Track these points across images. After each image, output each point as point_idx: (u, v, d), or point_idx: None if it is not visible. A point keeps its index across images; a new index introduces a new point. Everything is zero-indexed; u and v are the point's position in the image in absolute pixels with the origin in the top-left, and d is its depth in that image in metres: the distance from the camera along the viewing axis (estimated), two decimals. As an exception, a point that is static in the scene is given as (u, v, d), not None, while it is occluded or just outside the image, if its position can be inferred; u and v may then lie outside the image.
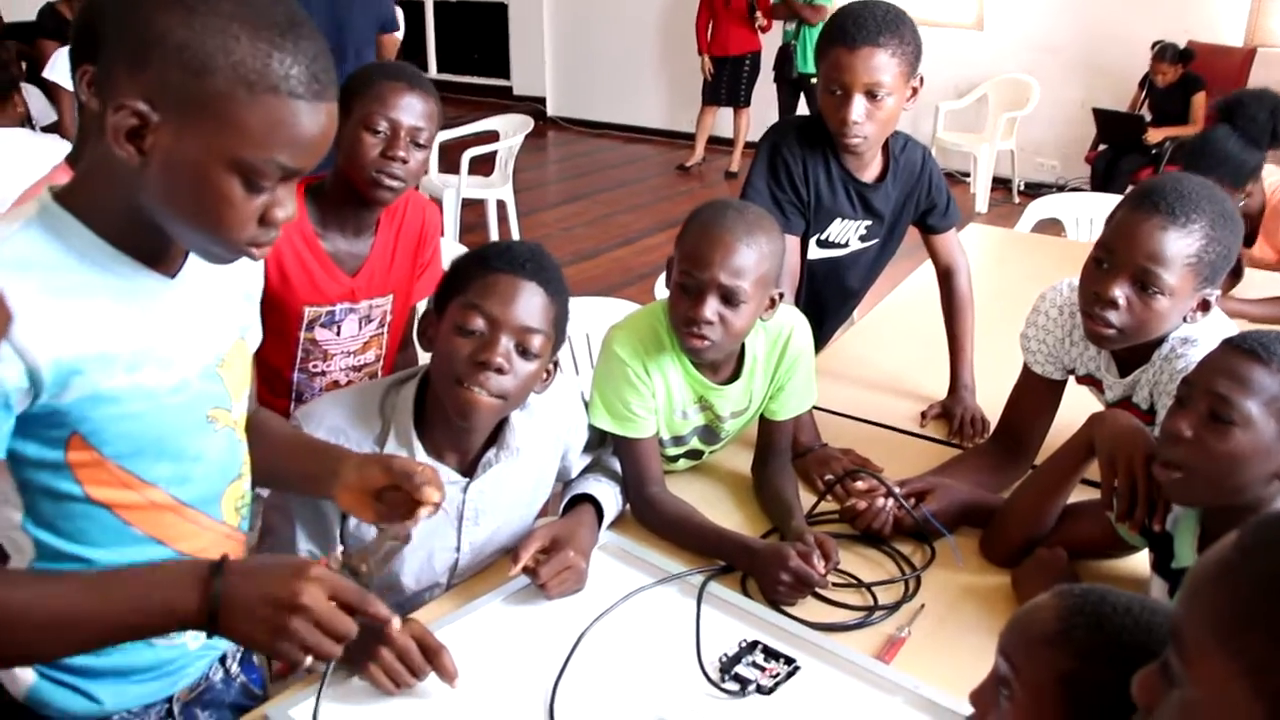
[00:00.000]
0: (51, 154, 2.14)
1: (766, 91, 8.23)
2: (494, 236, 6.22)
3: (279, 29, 1.08)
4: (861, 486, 1.93)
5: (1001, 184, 8.04)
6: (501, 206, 6.36)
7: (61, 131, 4.58)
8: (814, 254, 2.49)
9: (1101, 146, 7.21)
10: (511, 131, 6.24)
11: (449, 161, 5.99)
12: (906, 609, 1.71)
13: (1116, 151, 7.00)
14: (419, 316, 1.79)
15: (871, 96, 2.22)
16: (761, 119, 7.26)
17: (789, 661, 1.55)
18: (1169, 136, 6.77)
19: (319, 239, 2.14)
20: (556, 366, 1.73)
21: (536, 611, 1.67)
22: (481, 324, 1.60)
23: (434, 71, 11.41)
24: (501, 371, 1.60)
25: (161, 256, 1.21)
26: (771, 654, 1.56)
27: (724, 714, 1.46)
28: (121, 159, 1.08)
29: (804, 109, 7.61)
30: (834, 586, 1.73)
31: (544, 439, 1.81)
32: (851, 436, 2.25)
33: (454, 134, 6.00)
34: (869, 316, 3.11)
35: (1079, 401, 2.04)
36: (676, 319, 1.85)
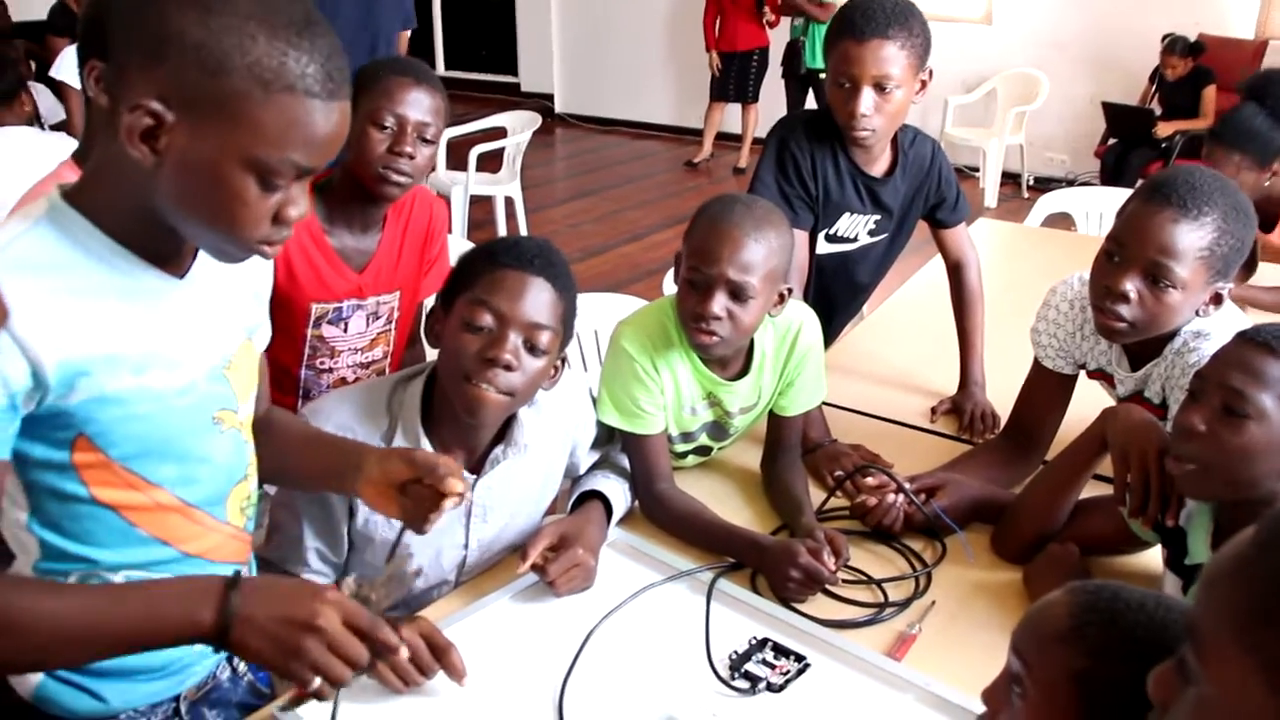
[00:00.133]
0: (58, 152, 2.14)
1: (774, 87, 8.22)
2: (502, 233, 6.21)
3: (295, 28, 1.08)
4: (872, 482, 1.92)
5: (1010, 179, 8.02)
6: (509, 203, 6.36)
7: (70, 130, 4.58)
8: (822, 249, 2.48)
9: (1111, 141, 7.19)
10: (519, 128, 6.24)
11: (457, 158, 5.98)
12: (917, 606, 1.70)
13: (1126, 146, 6.97)
14: (426, 313, 1.79)
15: (880, 89, 2.20)
16: (769, 115, 7.23)
17: (799, 659, 1.54)
18: (1179, 130, 6.75)
19: (326, 235, 2.14)
20: (564, 363, 1.72)
21: (545, 609, 1.66)
22: (490, 320, 1.59)
23: (442, 68, 11.40)
24: (510, 368, 1.59)
25: (170, 256, 1.21)
26: (781, 651, 1.55)
27: (734, 712, 1.46)
28: (135, 159, 1.08)
29: (812, 105, 7.59)
30: (844, 583, 1.72)
31: (552, 435, 1.81)
32: (861, 432, 2.24)
33: (462, 131, 6.00)
34: (878, 311, 3.09)
35: (1090, 396, 2.02)
36: (684, 314, 1.84)
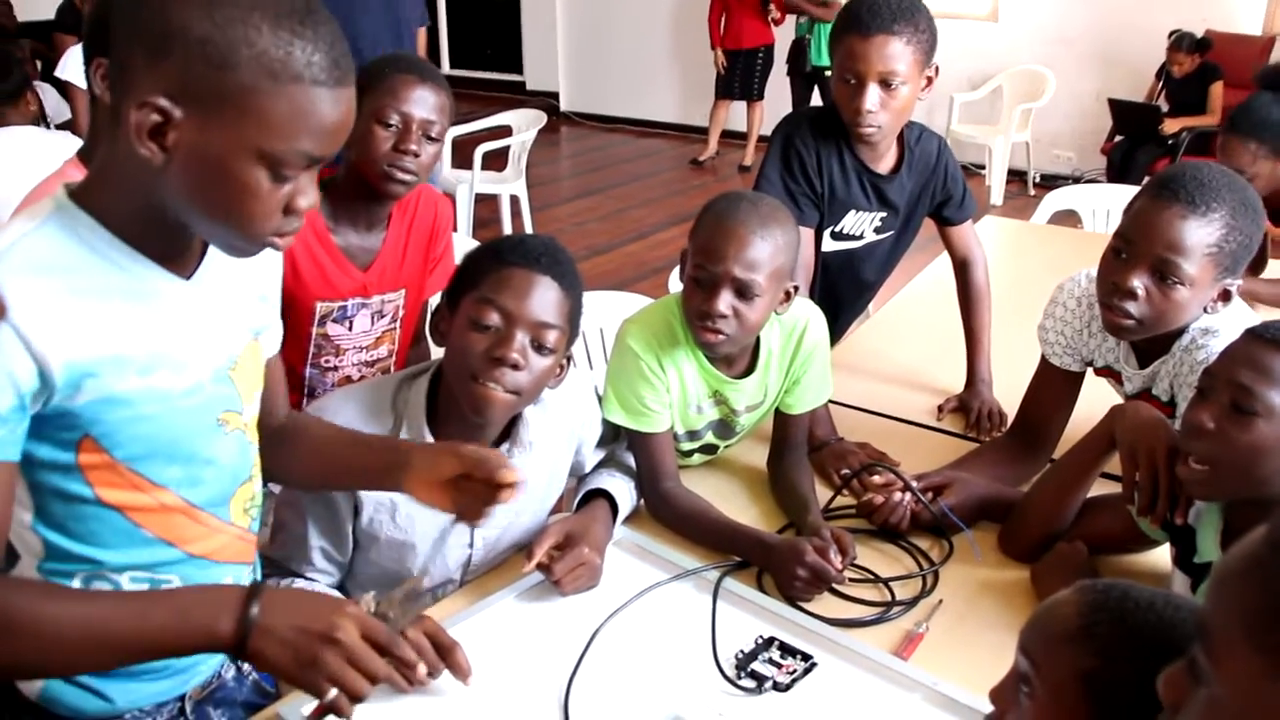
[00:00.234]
0: (63, 151, 2.14)
1: (780, 85, 8.21)
2: (507, 231, 6.21)
3: (298, 16, 1.07)
4: (878, 481, 1.91)
5: (1017, 176, 8.00)
6: (515, 202, 6.36)
7: (75, 129, 4.59)
8: (828, 246, 2.47)
9: (1118, 138, 7.17)
10: (524, 126, 6.24)
11: (462, 157, 5.99)
12: (924, 604, 1.69)
13: (1133, 142, 6.96)
14: (431, 311, 1.78)
15: (886, 85, 2.20)
16: (775, 113, 7.23)
17: (806, 658, 1.53)
18: (1186, 127, 6.73)
19: (331, 234, 2.14)
20: (570, 361, 1.72)
21: (550, 608, 1.66)
22: (497, 319, 1.59)
23: (447, 67, 11.41)
24: (517, 367, 1.59)
25: (177, 255, 1.20)
26: (788, 650, 1.55)
27: (740, 711, 1.45)
28: (143, 158, 1.07)
29: (818, 103, 7.58)
30: (851, 582, 1.71)
31: (557, 434, 1.80)
32: (868, 430, 2.24)
33: (467, 129, 6.00)
34: (884, 309, 3.09)
35: (1097, 394, 2.02)
36: (690, 312, 1.83)
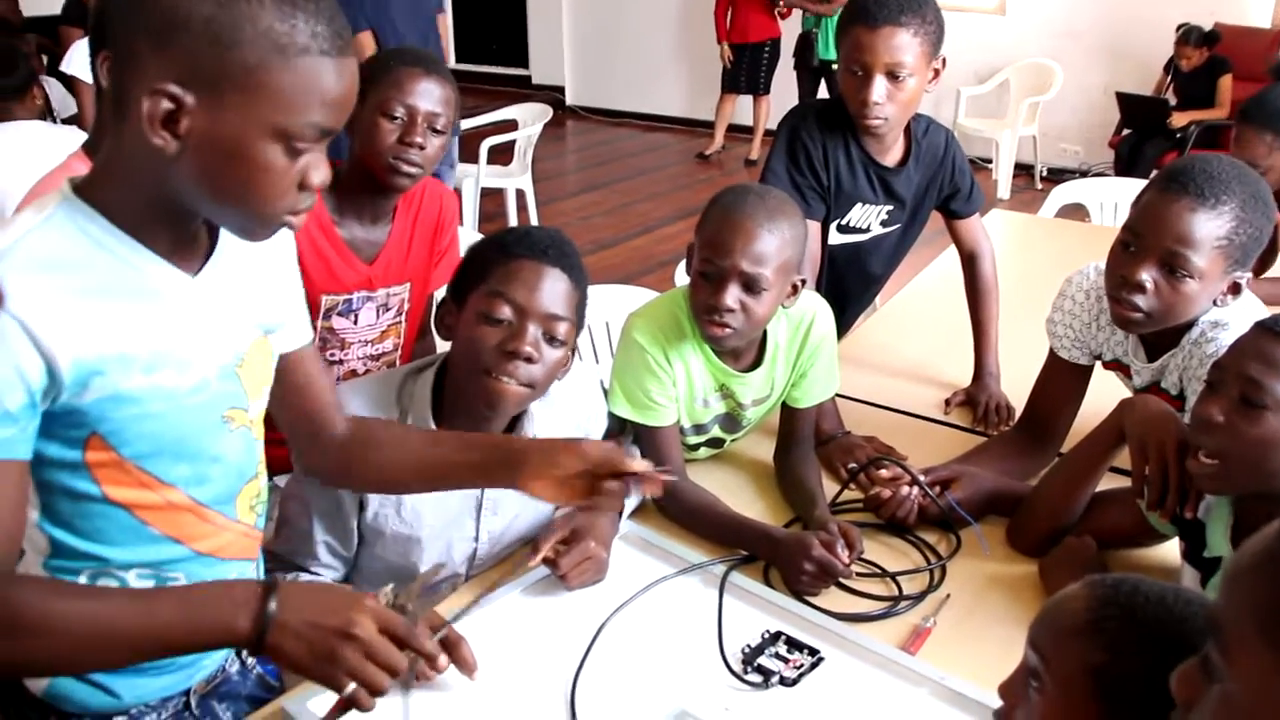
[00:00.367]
0: (69, 145, 2.14)
1: (787, 79, 8.19)
2: (513, 225, 6.21)
3: None
4: (885, 475, 1.91)
5: (1024, 170, 7.98)
6: (520, 196, 6.35)
7: (81, 123, 4.59)
8: (835, 239, 2.46)
9: (1125, 131, 7.15)
10: (530, 120, 6.22)
11: (468, 151, 5.97)
12: (932, 599, 1.69)
13: (1141, 136, 6.94)
14: (436, 305, 1.78)
15: (893, 77, 2.19)
16: (781, 106, 7.21)
17: (813, 652, 1.52)
18: (1194, 120, 6.71)
19: (335, 227, 2.13)
20: (574, 352, 1.72)
21: (556, 603, 1.65)
22: (508, 312, 1.59)
23: (452, 61, 11.36)
24: (531, 360, 1.60)
25: (184, 250, 1.19)
26: (795, 645, 1.54)
27: (747, 706, 1.44)
28: (155, 147, 1.06)
29: (825, 96, 7.56)
30: (858, 576, 1.71)
31: (562, 427, 1.79)
32: (874, 424, 2.23)
33: (473, 123, 5.99)
34: (891, 303, 3.08)
35: (1106, 388, 2.01)
36: (697, 307, 1.83)
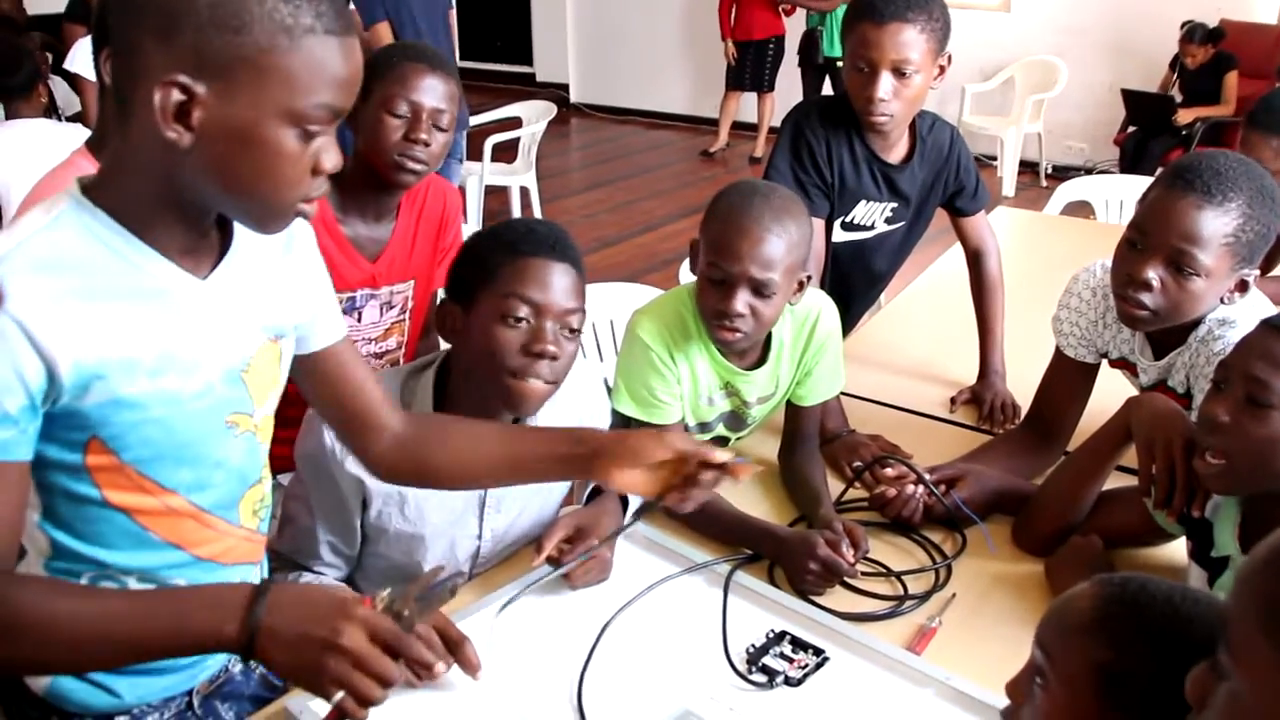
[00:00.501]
0: (73, 143, 2.13)
1: (791, 76, 8.18)
2: (517, 224, 6.19)
3: None
4: (891, 473, 1.90)
5: (1029, 167, 7.96)
6: (525, 193, 6.35)
7: (85, 121, 4.59)
8: (839, 237, 2.46)
9: (1131, 128, 7.14)
10: (534, 118, 6.22)
11: (472, 149, 5.97)
12: (937, 598, 1.68)
13: (1146, 133, 6.92)
14: (437, 305, 1.77)
15: (899, 74, 2.18)
16: (786, 104, 7.22)
17: (818, 652, 1.52)
18: (1200, 117, 6.69)
19: (339, 224, 2.12)
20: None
21: (560, 602, 1.64)
22: (525, 312, 1.60)
23: (457, 58, 11.37)
24: (555, 358, 1.61)
25: (194, 252, 1.18)
26: (800, 645, 1.53)
27: (751, 706, 1.44)
28: (168, 141, 1.04)
29: (829, 94, 7.55)
30: (863, 575, 1.70)
31: (564, 424, 1.79)
32: (880, 422, 2.22)
33: (477, 121, 5.98)
34: (896, 301, 3.07)
35: (1112, 386, 2.00)
36: (706, 311, 1.82)
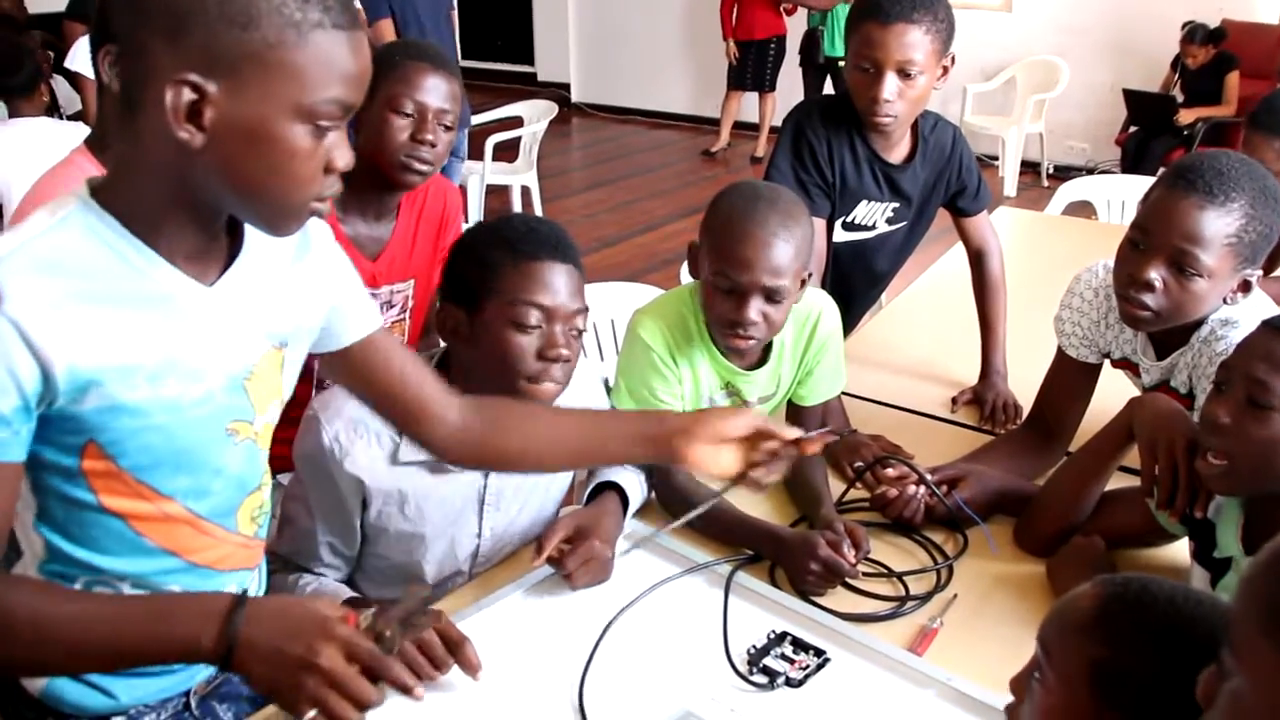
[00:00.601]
0: (75, 141, 2.13)
1: (792, 76, 8.18)
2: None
3: None
4: (892, 474, 1.89)
5: (1030, 167, 7.96)
6: (526, 193, 6.35)
7: (86, 120, 4.59)
8: (840, 237, 2.45)
9: (1132, 128, 7.14)
10: (535, 117, 6.22)
11: (473, 148, 5.96)
12: (939, 599, 1.67)
13: (1148, 133, 6.92)
14: (438, 306, 1.77)
15: (904, 75, 2.17)
16: (787, 104, 7.21)
17: (819, 653, 1.52)
18: (1201, 117, 6.69)
19: (339, 223, 2.12)
20: None
21: (560, 602, 1.64)
22: (537, 318, 1.61)
23: (458, 58, 11.38)
24: (569, 360, 1.63)
25: (201, 258, 1.16)
26: (801, 645, 1.53)
27: (752, 707, 1.43)
28: (179, 142, 1.04)
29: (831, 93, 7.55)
30: (864, 576, 1.69)
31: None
32: (881, 423, 2.22)
33: (478, 120, 5.98)
34: (898, 300, 3.06)
35: (1114, 387, 1.99)
36: (717, 320, 1.81)
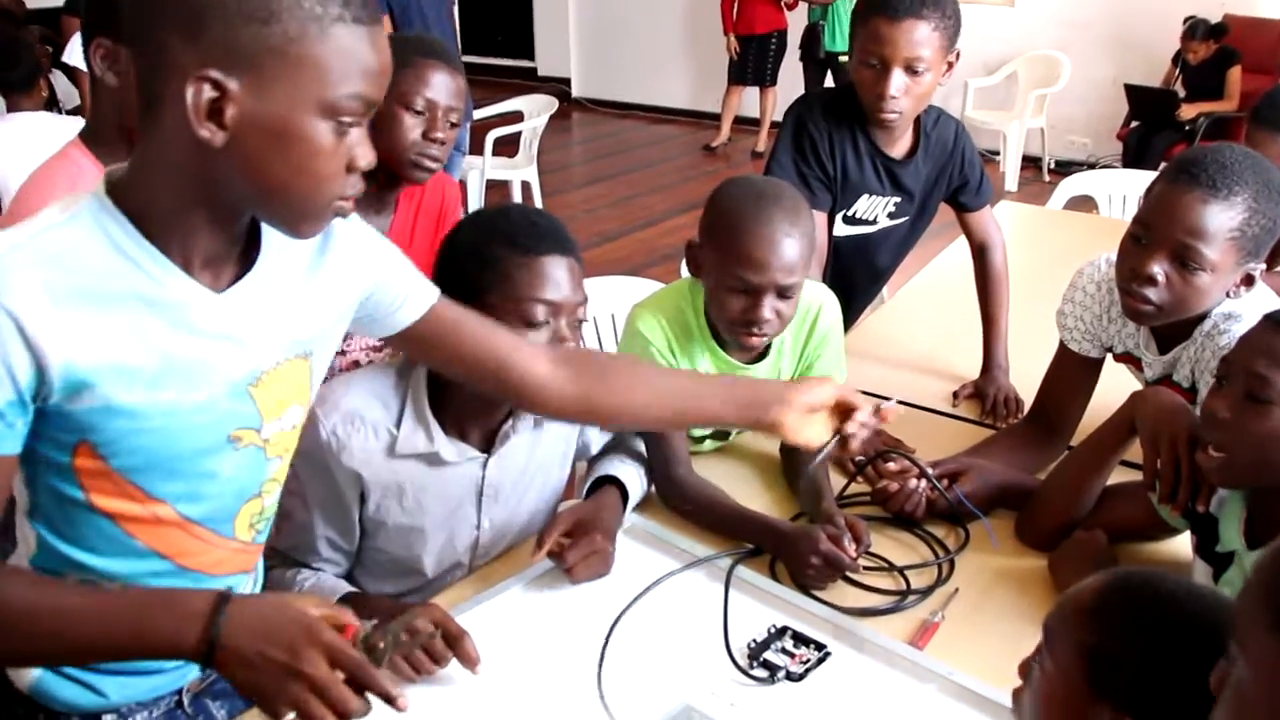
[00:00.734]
0: (73, 136, 2.12)
1: (793, 70, 8.17)
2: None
3: None
4: (893, 468, 1.89)
5: (1031, 162, 7.95)
6: (526, 188, 6.34)
7: (85, 114, 4.58)
8: (840, 231, 2.45)
9: (1134, 123, 7.13)
10: (535, 112, 6.21)
11: (473, 143, 5.95)
12: (940, 593, 1.67)
13: (1149, 128, 6.91)
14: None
15: (911, 71, 2.17)
16: (788, 98, 7.21)
17: (819, 647, 1.51)
18: (1203, 112, 6.68)
19: (339, 217, 2.11)
20: None
21: (560, 596, 1.64)
22: (545, 314, 1.60)
23: (459, 53, 11.38)
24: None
25: (214, 264, 1.14)
26: (801, 640, 1.52)
27: (753, 701, 1.43)
28: (200, 141, 1.02)
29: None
30: (865, 570, 1.69)
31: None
32: (882, 417, 2.21)
33: (478, 115, 5.97)
34: (899, 295, 3.06)
35: (1115, 381, 1.99)
36: (730, 319, 1.80)
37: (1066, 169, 7.27)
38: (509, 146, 6.15)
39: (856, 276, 2.57)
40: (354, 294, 1.31)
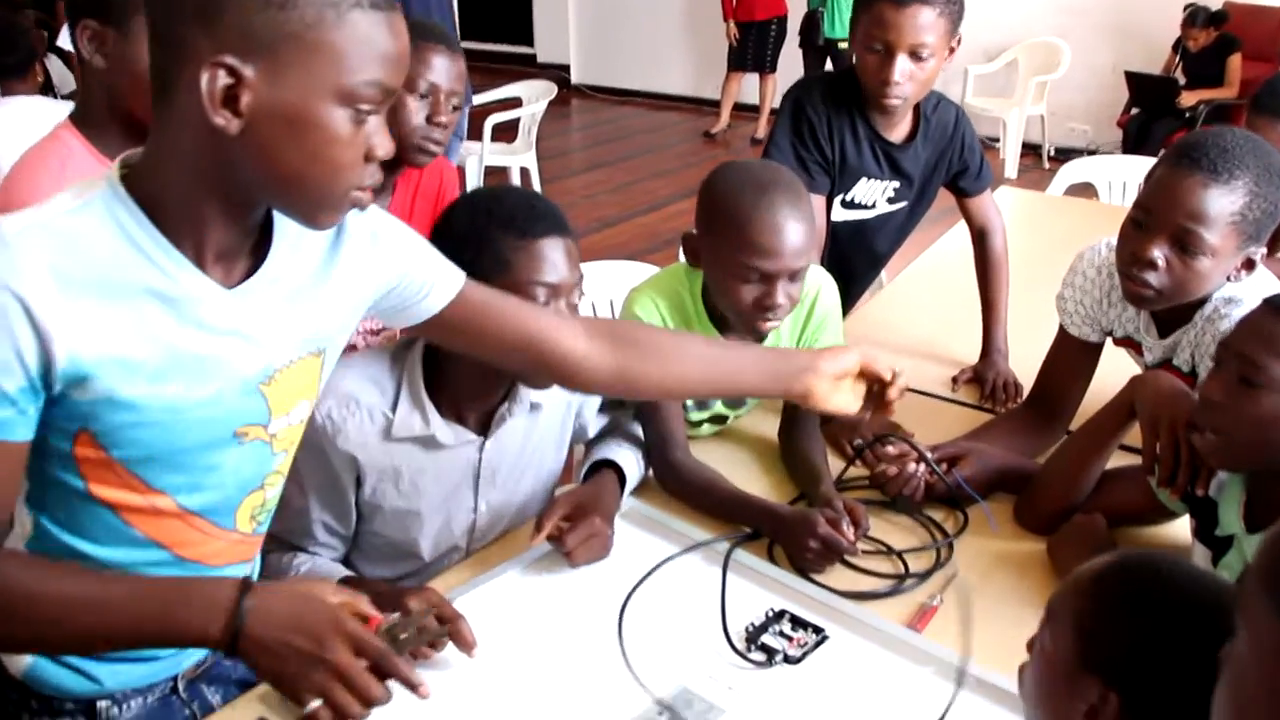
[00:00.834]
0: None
1: (793, 57, 8.14)
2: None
3: None
4: (892, 451, 1.88)
5: (1031, 149, 7.93)
6: (525, 174, 6.33)
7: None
8: (839, 215, 2.44)
9: (1134, 110, 7.11)
10: (534, 98, 6.20)
11: (472, 128, 5.93)
12: (938, 577, 1.67)
13: (1149, 115, 6.89)
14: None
15: (915, 57, 2.16)
16: (787, 85, 7.19)
17: (817, 631, 1.51)
18: (1203, 100, 6.66)
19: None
20: None
21: (558, 580, 1.63)
22: (545, 295, 1.58)
23: (457, 38, 11.33)
24: None
25: (226, 259, 1.13)
26: (799, 623, 1.52)
27: (750, 684, 1.42)
28: (215, 129, 1.00)
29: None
30: (864, 554, 1.69)
31: (555, 394, 1.77)
32: (880, 401, 2.20)
33: (477, 101, 5.95)
34: (898, 279, 3.05)
35: (1115, 366, 1.98)
36: (743, 308, 1.78)
37: (1066, 156, 7.23)
38: (508, 132, 6.13)
39: (855, 261, 2.57)
40: (369, 291, 1.29)
